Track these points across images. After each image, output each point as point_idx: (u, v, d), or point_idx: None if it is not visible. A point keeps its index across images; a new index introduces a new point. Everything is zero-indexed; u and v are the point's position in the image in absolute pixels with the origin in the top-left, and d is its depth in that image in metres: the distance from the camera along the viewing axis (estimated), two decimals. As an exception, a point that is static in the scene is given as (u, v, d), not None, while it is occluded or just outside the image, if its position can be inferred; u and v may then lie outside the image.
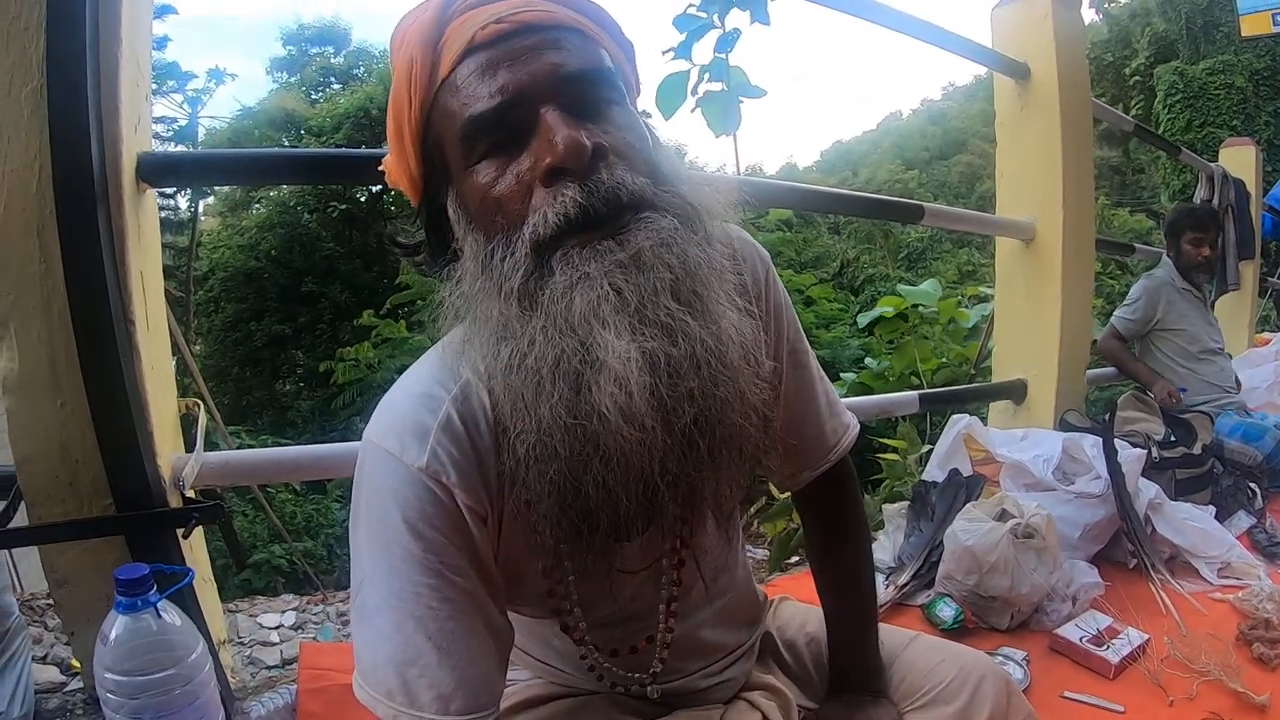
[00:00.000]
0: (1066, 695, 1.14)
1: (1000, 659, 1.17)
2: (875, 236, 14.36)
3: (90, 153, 0.93)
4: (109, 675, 0.70)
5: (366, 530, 0.58)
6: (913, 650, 0.80)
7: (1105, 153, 15.59)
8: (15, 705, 1.00)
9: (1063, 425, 2.09)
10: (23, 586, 1.74)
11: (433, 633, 0.55)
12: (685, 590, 0.70)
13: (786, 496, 2.23)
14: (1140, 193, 16.29)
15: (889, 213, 2.43)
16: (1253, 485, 1.96)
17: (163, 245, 1.27)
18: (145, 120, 1.11)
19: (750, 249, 0.69)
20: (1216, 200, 3.51)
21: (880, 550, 1.55)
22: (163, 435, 1.05)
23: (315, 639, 2.00)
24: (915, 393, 2.14)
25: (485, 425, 0.58)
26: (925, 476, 1.73)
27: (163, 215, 1.59)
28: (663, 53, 2.14)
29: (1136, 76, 13.82)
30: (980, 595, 1.32)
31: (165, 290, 1.20)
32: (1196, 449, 1.96)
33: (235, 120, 12.77)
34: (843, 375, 4.40)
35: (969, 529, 1.34)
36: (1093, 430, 1.87)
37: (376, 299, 7.80)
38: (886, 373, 4.09)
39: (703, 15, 2.10)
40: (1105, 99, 11.95)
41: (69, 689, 1.16)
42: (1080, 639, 1.24)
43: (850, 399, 2.02)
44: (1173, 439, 2.02)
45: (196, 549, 1.14)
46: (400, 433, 0.57)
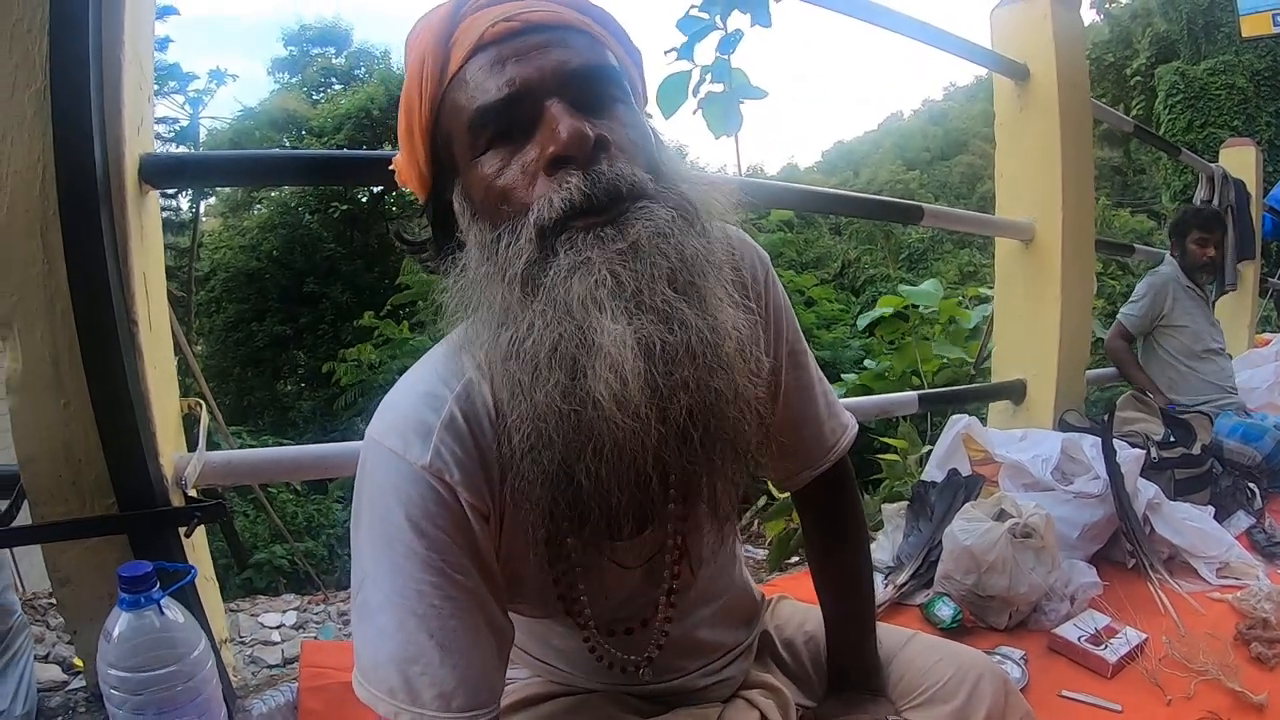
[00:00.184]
0: (1064, 694, 1.14)
1: (998, 658, 1.17)
2: (876, 237, 14.33)
3: (93, 154, 0.94)
4: (112, 671, 0.70)
5: (369, 528, 0.58)
6: (911, 649, 0.80)
7: (1106, 153, 15.57)
8: (18, 703, 1.00)
9: (1062, 425, 2.10)
10: (25, 585, 1.74)
11: (435, 631, 0.55)
12: (683, 587, 0.70)
13: (786, 496, 2.24)
14: (1141, 193, 16.25)
15: (889, 214, 2.44)
16: (1252, 485, 1.96)
17: (164, 246, 1.28)
18: (148, 122, 1.11)
19: (749, 249, 0.70)
20: (1217, 201, 3.50)
21: (879, 550, 1.55)
22: (165, 435, 1.06)
23: (316, 638, 2.00)
24: (915, 393, 2.14)
25: (488, 423, 0.58)
26: (924, 476, 1.73)
27: (164, 216, 1.60)
28: (665, 53, 2.15)
29: (1137, 77, 13.78)
30: (978, 595, 1.32)
31: (167, 291, 1.21)
32: (1195, 449, 1.96)
33: (236, 121, 12.74)
34: (843, 376, 4.40)
35: (968, 529, 1.35)
36: (1092, 430, 1.87)
37: (378, 300, 7.80)
38: (887, 373, 4.09)
39: (705, 16, 2.10)
40: (1106, 99, 11.94)
41: (71, 687, 1.16)
42: (1078, 638, 1.24)
43: (850, 399, 2.03)
44: (1172, 439, 2.02)
45: (198, 548, 1.15)
46: (403, 431, 0.57)
